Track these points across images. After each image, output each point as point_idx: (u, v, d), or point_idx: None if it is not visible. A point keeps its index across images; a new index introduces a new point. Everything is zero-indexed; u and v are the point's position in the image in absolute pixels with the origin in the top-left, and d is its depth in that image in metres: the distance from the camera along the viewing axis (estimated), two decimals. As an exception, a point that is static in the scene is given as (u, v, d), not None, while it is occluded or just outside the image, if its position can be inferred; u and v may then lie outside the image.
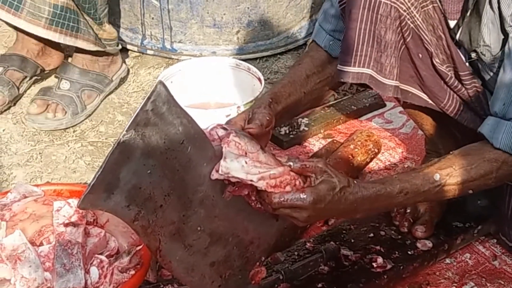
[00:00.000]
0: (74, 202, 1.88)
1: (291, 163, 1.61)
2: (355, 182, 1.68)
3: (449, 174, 1.77)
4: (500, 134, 1.78)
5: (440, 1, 1.89)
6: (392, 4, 1.85)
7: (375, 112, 2.81)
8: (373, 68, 1.88)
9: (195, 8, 3.12)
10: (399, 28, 1.87)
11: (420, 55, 1.90)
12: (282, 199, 1.59)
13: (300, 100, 1.99)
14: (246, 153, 1.58)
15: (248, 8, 3.15)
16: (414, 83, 1.95)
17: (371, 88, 1.94)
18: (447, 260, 2.13)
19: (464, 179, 1.78)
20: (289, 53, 3.28)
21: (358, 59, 1.88)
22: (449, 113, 1.97)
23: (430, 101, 1.97)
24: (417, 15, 1.87)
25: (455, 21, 1.90)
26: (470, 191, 1.82)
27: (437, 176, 1.75)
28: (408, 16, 1.85)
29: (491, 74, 1.91)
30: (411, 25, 1.87)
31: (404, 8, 1.85)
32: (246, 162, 1.56)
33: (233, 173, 1.56)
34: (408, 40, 1.88)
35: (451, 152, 1.84)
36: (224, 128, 1.63)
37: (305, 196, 1.59)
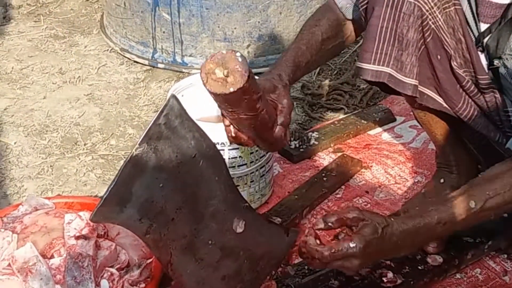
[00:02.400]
0: (85, 215, 1.88)
1: (330, 224, 1.66)
2: (392, 219, 1.69)
3: (484, 200, 1.75)
4: None
5: (476, 3, 1.88)
6: (416, 2, 1.85)
7: (385, 127, 2.81)
8: (393, 67, 1.88)
9: (206, 22, 3.13)
10: (421, 27, 1.87)
11: (439, 57, 1.90)
12: (333, 251, 1.62)
13: (312, 66, 2.02)
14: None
15: (258, 22, 3.16)
16: (430, 85, 1.95)
17: (388, 92, 1.93)
18: (458, 276, 2.12)
19: (499, 203, 1.76)
20: (299, 67, 3.28)
21: (378, 57, 1.88)
22: (463, 117, 1.96)
23: (445, 105, 1.96)
24: (439, 16, 1.87)
25: (487, 25, 1.89)
26: (505, 214, 1.82)
27: (472, 204, 1.74)
28: (430, 16, 1.86)
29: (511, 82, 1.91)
30: (432, 25, 1.87)
31: (427, 7, 1.85)
32: None
33: None
34: (428, 40, 1.88)
35: (479, 176, 1.83)
36: None
37: (354, 244, 1.62)
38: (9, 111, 2.95)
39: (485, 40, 1.89)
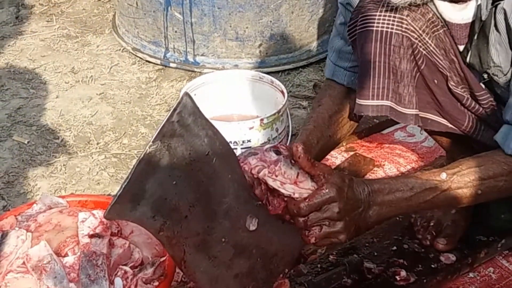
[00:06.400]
0: (99, 213, 1.89)
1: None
2: (354, 178, 1.72)
3: (456, 173, 1.76)
4: (511, 141, 1.78)
5: (448, 28, 1.89)
6: (404, 33, 1.84)
7: (397, 126, 2.81)
8: (392, 100, 1.89)
9: (218, 21, 3.14)
10: (412, 57, 1.87)
11: (436, 81, 1.90)
12: (308, 202, 1.61)
13: (328, 143, 2.01)
14: (295, 182, 1.63)
15: (270, 21, 3.16)
16: (432, 109, 1.95)
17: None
18: (471, 274, 2.12)
19: (472, 179, 1.77)
20: (311, 66, 3.28)
21: (376, 92, 1.88)
22: (471, 134, 1.96)
23: (451, 125, 1.96)
24: (429, 41, 1.86)
25: (463, 46, 1.90)
26: (480, 191, 1.78)
27: (443, 175, 1.75)
28: (420, 44, 1.85)
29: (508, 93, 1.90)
30: (424, 52, 1.86)
31: (416, 35, 1.85)
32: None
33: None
34: (422, 67, 1.88)
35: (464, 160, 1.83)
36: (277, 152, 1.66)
37: (327, 190, 1.62)
38: (22, 110, 2.97)
39: (467, 59, 1.90)
